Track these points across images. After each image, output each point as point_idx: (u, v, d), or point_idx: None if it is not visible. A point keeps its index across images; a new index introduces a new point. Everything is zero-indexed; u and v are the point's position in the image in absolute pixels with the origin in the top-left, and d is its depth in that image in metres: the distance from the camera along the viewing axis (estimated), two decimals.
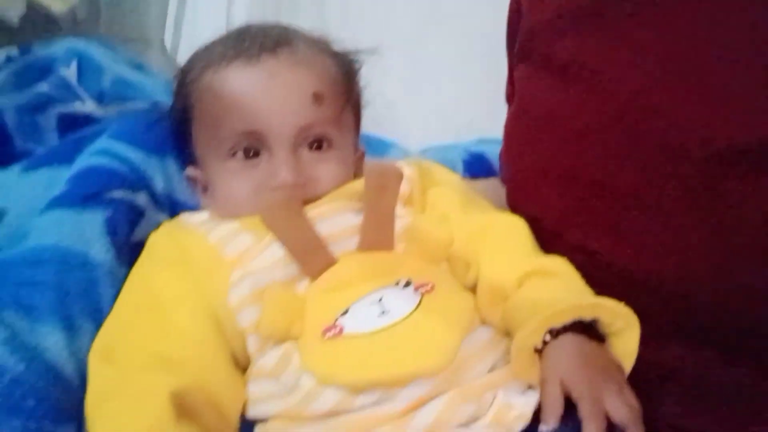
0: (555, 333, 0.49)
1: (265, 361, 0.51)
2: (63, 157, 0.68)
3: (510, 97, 0.78)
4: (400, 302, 0.50)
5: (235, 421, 0.52)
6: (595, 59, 0.58)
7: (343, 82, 0.63)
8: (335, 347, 0.48)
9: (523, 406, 0.47)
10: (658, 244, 0.55)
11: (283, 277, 0.53)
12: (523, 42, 0.67)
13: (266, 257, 0.54)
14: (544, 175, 0.63)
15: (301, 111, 0.58)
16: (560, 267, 0.56)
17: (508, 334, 0.53)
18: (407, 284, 0.52)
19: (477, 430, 0.46)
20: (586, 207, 0.59)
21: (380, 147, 0.92)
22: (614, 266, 0.56)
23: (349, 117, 0.64)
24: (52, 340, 0.50)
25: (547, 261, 0.56)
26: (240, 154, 0.59)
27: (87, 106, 0.90)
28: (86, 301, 0.53)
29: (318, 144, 0.60)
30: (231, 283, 0.53)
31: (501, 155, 0.83)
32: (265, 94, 0.58)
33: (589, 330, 0.50)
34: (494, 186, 0.80)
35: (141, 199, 0.62)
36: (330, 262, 0.54)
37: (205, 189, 0.65)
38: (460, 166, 0.89)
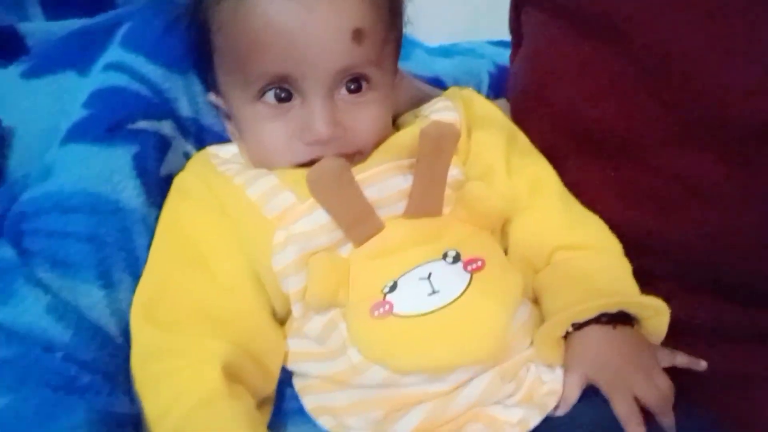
0: (578, 325, 0.50)
1: (309, 326, 0.51)
2: (69, 60, 0.61)
3: (515, 32, 0.74)
4: (451, 281, 0.49)
5: (276, 375, 0.53)
6: (625, 15, 0.54)
7: (386, 6, 0.55)
8: (384, 327, 0.48)
9: (554, 381, 0.50)
10: (689, 213, 0.54)
11: (327, 242, 0.51)
12: None
13: (311, 221, 0.51)
14: (557, 130, 0.60)
15: (339, 52, 0.51)
16: (590, 236, 0.55)
17: (536, 301, 0.55)
18: (456, 258, 0.50)
19: (510, 407, 0.48)
20: (604, 169, 0.57)
21: (403, 47, 0.85)
22: (635, 233, 0.56)
23: (392, 45, 0.57)
24: (93, 299, 0.48)
25: (578, 230, 0.56)
26: (270, 96, 0.53)
27: None
28: (122, 253, 0.51)
29: (357, 84, 0.53)
30: (275, 245, 0.51)
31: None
32: (300, 33, 0.50)
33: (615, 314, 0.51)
34: (507, 107, 0.77)
35: (166, 128, 0.57)
36: (378, 228, 0.51)
37: (228, 117, 0.60)
38: (485, 79, 0.84)
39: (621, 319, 0.51)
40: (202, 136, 0.60)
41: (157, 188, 0.55)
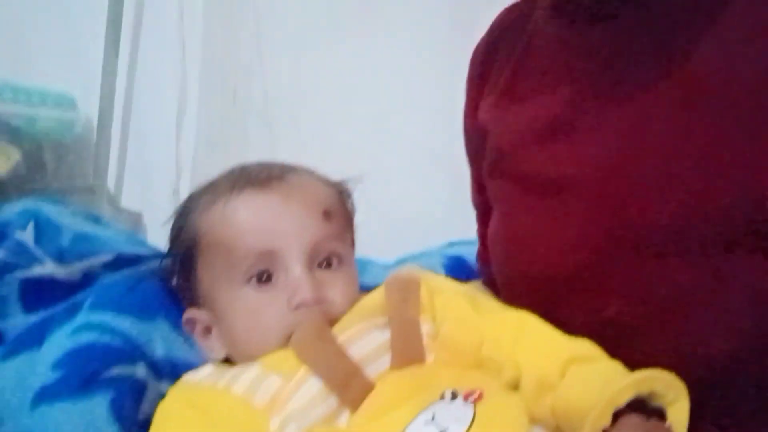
0: (614, 416, 0.47)
1: None
2: (33, 340, 0.63)
3: (479, 206, 0.78)
4: (455, 416, 0.48)
5: None
6: (585, 173, 0.59)
7: (341, 203, 0.66)
8: None
9: None
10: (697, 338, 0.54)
11: (323, 413, 0.51)
12: (495, 160, 0.68)
13: (302, 395, 0.51)
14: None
15: (314, 227, 0.60)
16: (594, 350, 0.55)
17: (557, 429, 0.51)
18: (454, 396, 0.50)
19: None
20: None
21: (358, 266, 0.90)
22: None
23: (350, 235, 0.66)
24: None
25: (580, 346, 0.55)
26: (254, 280, 0.58)
27: (47, 267, 0.85)
28: None
29: (328, 262, 0.61)
30: None
31: (479, 256, 0.83)
32: (279, 216, 0.59)
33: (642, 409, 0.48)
34: (477, 288, 0.78)
35: (140, 371, 0.58)
36: (368, 387, 0.52)
37: (208, 330, 0.62)
38: (441, 272, 0.87)
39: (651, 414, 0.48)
40: (177, 372, 0.60)
41: (138, 430, 0.54)
